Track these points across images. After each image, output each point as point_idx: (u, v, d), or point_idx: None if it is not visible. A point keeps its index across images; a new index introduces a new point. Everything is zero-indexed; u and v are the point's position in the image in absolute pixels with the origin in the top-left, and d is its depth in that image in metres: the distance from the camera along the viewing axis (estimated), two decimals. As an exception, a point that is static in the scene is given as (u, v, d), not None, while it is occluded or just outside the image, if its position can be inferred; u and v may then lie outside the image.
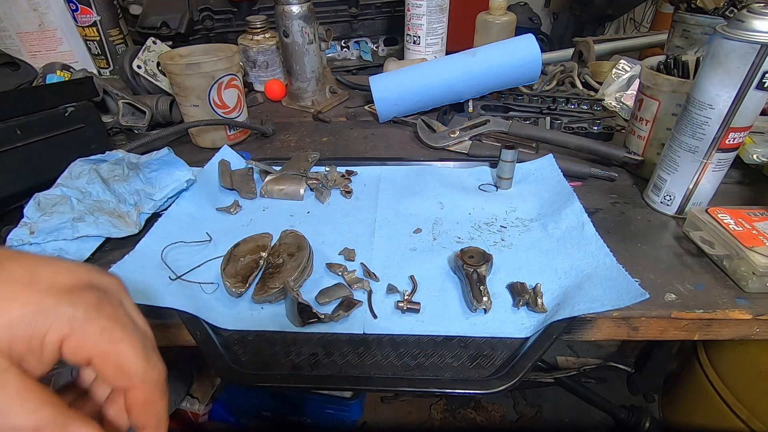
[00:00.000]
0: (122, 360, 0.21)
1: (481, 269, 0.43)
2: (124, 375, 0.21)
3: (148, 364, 0.22)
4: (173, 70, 0.65)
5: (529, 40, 0.76)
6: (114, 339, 0.21)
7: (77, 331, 0.20)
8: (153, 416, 0.23)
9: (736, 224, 0.44)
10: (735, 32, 0.40)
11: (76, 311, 0.20)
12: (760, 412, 0.86)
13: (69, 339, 0.20)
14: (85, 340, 0.20)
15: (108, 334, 0.20)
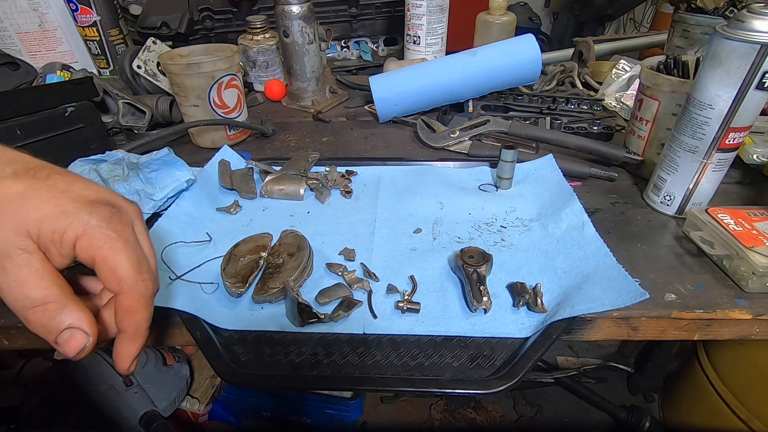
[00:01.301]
0: (117, 267, 0.25)
1: (481, 269, 0.43)
2: (116, 280, 0.25)
3: (138, 276, 0.25)
4: (173, 70, 0.65)
5: (529, 40, 0.76)
6: (114, 248, 0.25)
7: (88, 233, 0.24)
8: (133, 322, 0.26)
9: (736, 224, 0.44)
10: (735, 32, 0.40)
11: (91, 218, 0.24)
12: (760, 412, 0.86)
13: (81, 239, 0.24)
14: (92, 242, 0.24)
15: (110, 243, 0.25)
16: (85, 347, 0.24)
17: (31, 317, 0.23)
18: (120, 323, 0.26)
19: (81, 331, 0.24)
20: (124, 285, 0.25)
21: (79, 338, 0.24)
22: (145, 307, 0.26)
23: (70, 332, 0.24)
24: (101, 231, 0.25)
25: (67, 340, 0.24)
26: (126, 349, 0.27)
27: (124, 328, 0.26)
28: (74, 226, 0.24)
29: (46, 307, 0.23)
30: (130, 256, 0.25)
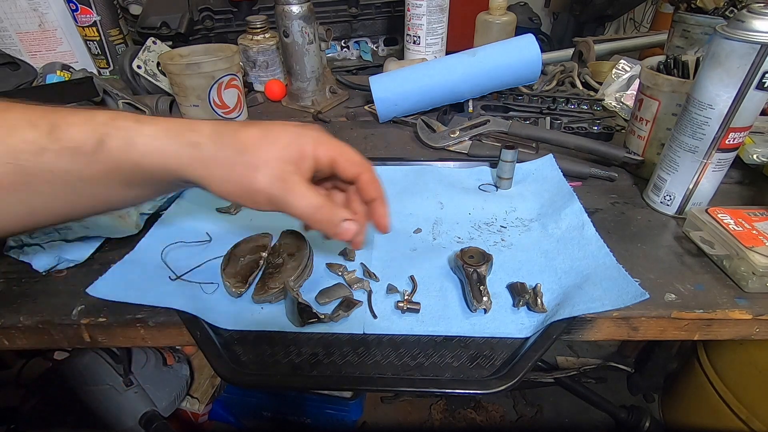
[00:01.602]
0: (353, 156, 0.35)
1: (481, 269, 0.43)
2: (356, 164, 0.35)
3: (365, 159, 0.36)
4: (173, 70, 0.65)
5: (529, 40, 0.76)
6: (343, 146, 0.35)
7: (321, 143, 0.34)
8: (379, 188, 0.37)
9: (736, 224, 0.44)
10: (735, 32, 0.40)
11: (316, 133, 0.34)
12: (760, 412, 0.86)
13: (318, 148, 0.33)
14: (328, 148, 0.34)
15: (338, 144, 0.35)
16: (358, 232, 0.35)
17: (318, 216, 0.33)
18: (371, 193, 0.37)
19: (352, 221, 0.34)
20: (362, 166, 0.35)
21: (353, 226, 0.34)
22: (378, 179, 0.37)
23: (347, 223, 0.34)
24: (328, 140, 0.34)
25: (346, 229, 0.34)
26: (383, 209, 0.38)
27: (375, 195, 0.37)
28: (308, 142, 0.33)
29: (325, 208, 0.33)
30: (353, 149, 0.35)
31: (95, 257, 0.48)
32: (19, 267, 0.46)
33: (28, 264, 0.45)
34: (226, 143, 0.31)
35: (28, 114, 0.29)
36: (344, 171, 0.35)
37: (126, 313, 0.41)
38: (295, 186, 0.32)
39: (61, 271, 0.46)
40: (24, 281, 0.44)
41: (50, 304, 0.42)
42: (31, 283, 0.44)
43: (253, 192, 0.32)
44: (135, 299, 0.41)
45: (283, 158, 0.32)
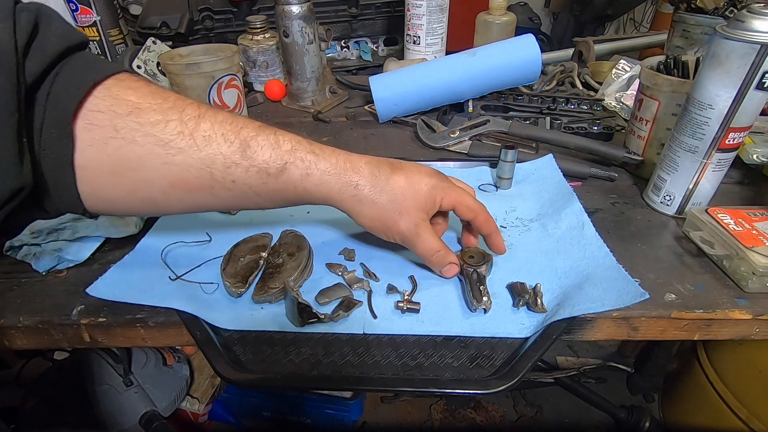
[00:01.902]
0: (470, 203, 0.42)
1: (481, 269, 0.43)
2: (472, 210, 0.42)
3: (479, 203, 0.43)
4: (173, 70, 0.65)
5: (529, 40, 0.76)
6: (463, 194, 0.42)
7: (447, 193, 0.41)
8: (492, 224, 0.44)
9: (736, 224, 0.44)
10: (735, 32, 0.40)
11: (444, 184, 0.41)
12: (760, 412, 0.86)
13: (444, 198, 0.41)
14: (452, 198, 0.41)
15: (460, 193, 0.42)
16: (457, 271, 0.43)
17: (434, 259, 0.42)
18: (487, 230, 0.44)
19: (455, 264, 0.43)
20: (477, 210, 0.42)
21: (455, 267, 0.43)
22: (491, 218, 0.44)
23: (451, 265, 0.43)
24: (452, 189, 0.41)
25: (449, 269, 0.43)
26: (498, 238, 0.45)
27: (491, 230, 0.44)
28: (439, 192, 0.41)
29: (440, 253, 0.42)
30: (471, 196, 0.43)
31: (95, 257, 0.48)
32: (19, 267, 0.46)
33: (28, 264, 0.45)
34: (381, 189, 0.38)
35: (218, 127, 0.33)
36: (463, 215, 0.43)
37: (126, 313, 0.41)
38: (423, 232, 0.40)
39: (61, 271, 0.46)
40: (24, 281, 0.44)
41: (50, 304, 0.42)
42: (31, 283, 0.44)
43: (393, 231, 0.40)
44: (135, 299, 0.41)
45: (420, 209, 0.40)
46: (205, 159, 0.32)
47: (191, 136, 0.32)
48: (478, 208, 0.42)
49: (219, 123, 0.33)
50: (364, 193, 0.38)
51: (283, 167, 0.35)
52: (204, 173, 0.33)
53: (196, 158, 0.32)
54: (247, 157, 0.34)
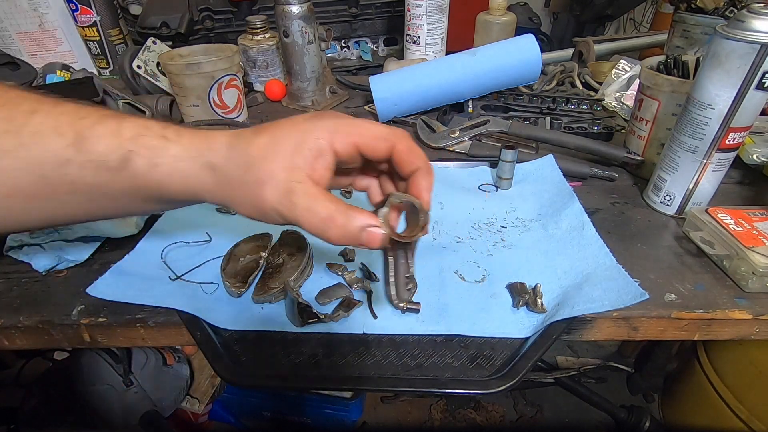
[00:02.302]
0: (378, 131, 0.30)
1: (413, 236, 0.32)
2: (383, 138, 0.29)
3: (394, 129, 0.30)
4: (173, 70, 0.65)
5: (529, 40, 0.76)
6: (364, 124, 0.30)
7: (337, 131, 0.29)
8: (418, 158, 0.30)
9: (736, 224, 0.44)
10: (735, 32, 0.40)
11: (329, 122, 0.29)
12: (760, 412, 0.86)
13: (333, 139, 0.28)
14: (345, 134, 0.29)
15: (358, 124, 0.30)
16: (383, 237, 0.28)
17: (331, 233, 0.27)
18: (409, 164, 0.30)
19: (372, 226, 0.28)
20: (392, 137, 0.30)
21: (375, 232, 0.28)
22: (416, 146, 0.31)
23: (366, 232, 0.28)
24: (346, 123, 0.29)
25: (368, 238, 0.28)
26: (425, 180, 0.31)
27: (416, 165, 0.30)
28: (322, 136, 0.28)
29: (334, 221, 0.27)
30: (377, 124, 0.30)
31: (95, 257, 0.48)
32: (19, 267, 0.46)
33: (28, 264, 0.45)
34: (237, 161, 0.28)
35: (53, 119, 0.28)
36: (373, 152, 0.30)
37: (126, 313, 0.41)
38: (302, 198, 0.27)
39: (61, 271, 0.46)
40: (24, 281, 0.44)
41: (50, 304, 0.42)
42: (31, 283, 0.44)
43: (264, 212, 0.28)
44: (135, 299, 0.41)
45: (291, 166, 0.27)
46: (33, 159, 0.27)
47: (18, 133, 0.27)
48: (394, 134, 0.30)
49: (56, 115, 0.28)
50: (222, 174, 0.29)
51: (126, 158, 0.28)
52: (35, 177, 0.27)
53: (23, 159, 0.27)
54: (82, 150, 0.27)
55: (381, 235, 0.28)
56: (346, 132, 0.29)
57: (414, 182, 0.30)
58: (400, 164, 0.30)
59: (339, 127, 0.29)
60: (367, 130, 0.29)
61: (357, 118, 0.30)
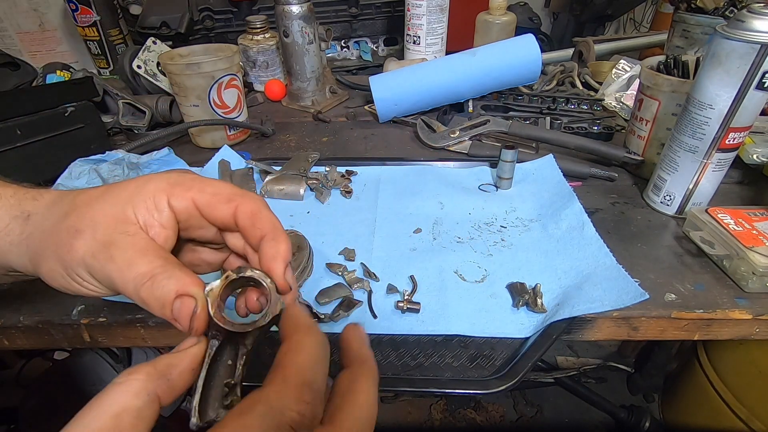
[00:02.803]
0: (222, 189, 0.25)
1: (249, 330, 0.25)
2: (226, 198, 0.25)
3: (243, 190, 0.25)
4: (173, 70, 0.65)
5: (529, 40, 0.76)
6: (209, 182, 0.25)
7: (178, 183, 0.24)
8: (269, 222, 0.25)
9: (736, 224, 0.44)
10: (735, 32, 0.40)
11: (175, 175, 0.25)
12: (760, 412, 0.86)
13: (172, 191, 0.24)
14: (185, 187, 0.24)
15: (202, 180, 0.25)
16: (195, 312, 0.22)
17: (144, 294, 0.22)
18: (255, 230, 0.24)
19: (188, 297, 0.22)
20: (238, 198, 0.25)
21: (187, 304, 0.22)
22: (267, 208, 0.25)
23: (180, 301, 0.22)
24: (192, 178, 0.25)
25: (179, 311, 0.22)
26: (273, 248, 0.24)
27: (264, 231, 0.24)
28: (161, 187, 0.24)
29: (154, 279, 0.22)
30: (225, 183, 0.26)
31: (95, 257, 0.48)
32: (19, 267, 0.46)
33: (28, 264, 0.45)
34: (58, 210, 0.24)
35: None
36: (213, 212, 0.25)
37: (126, 313, 0.41)
38: (122, 252, 0.22)
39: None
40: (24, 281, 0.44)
41: (50, 304, 0.42)
42: (31, 283, 0.44)
43: (69, 266, 0.23)
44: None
45: (118, 217, 0.23)
46: None
47: None
48: (240, 195, 0.25)
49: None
50: (36, 221, 0.24)
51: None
52: None
53: None
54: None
55: (190, 308, 0.22)
56: (186, 186, 0.24)
57: (261, 253, 0.24)
58: (244, 231, 0.25)
59: (180, 180, 0.25)
60: (209, 186, 0.25)
61: (208, 178, 0.26)
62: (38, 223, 0.24)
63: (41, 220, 0.24)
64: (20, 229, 0.24)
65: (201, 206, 0.24)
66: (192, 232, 0.26)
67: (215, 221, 0.25)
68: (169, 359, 0.20)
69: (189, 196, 0.24)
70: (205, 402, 0.21)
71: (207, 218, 0.25)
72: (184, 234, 0.26)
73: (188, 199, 0.24)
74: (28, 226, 0.24)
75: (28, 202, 0.25)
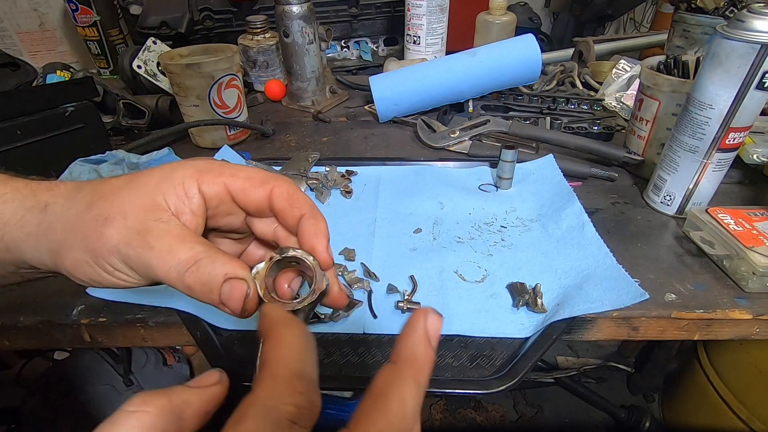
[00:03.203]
0: (253, 174, 0.25)
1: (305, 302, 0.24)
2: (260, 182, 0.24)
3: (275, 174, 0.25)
4: (173, 70, 0.65)
5: (529, 40, 0.76)
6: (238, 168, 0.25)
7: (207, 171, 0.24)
8: (304, 203, 0.25)
9: (736, 224, 0.44)
10: (735, 32, 0.40)
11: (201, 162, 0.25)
12: (760, 412, 0.86)
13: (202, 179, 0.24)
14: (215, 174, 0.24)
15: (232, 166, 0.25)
16: (248, 294, 0.22)
17: (189, 280, 0.21)
18: (292, 211, 0.24)
19: (238, 279, 0.22)
20: (271, 181, 0.25)
21: (238, 287, 0.22)
22: (298, 189, 0.26)
23: (229, 284, 0.22)
24: (219, 165, 0.25)
25: (230, 294, 0.22)
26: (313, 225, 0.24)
27: (301, 210, 0.24)
28: (189, 174, 0.24)
29: (199, 264, 0.21)
30: (255, 168, 0.26)
31: (95, 257, 0.48)
32: (19, 267, 0.46)
33: (28, 264, 0.45)
34: (80, 200, 0.23)
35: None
36: (247, 198, 0.24)
37: (126, 313, 0.41)
38: (159, 240, 0.22)
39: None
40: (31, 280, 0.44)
41: (50, 304, 0.42)
42: (31, 283, 0.44)
43: (100, 255, 0.22)
44: (135, 299, 0.41)
45: (149, 204, 0.22)
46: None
47: None
48: (273, 179, 0.25)
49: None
50: (55, 211, 0.23)
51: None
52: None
53: None
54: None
55: (242, 291, 0.22)
56: (217, 172, 0.24)
57: (301, 232, 0.24)
58: (281, 213, 0.25)
59: (209, 167, 0.24)
60: (241, 171, 0.25)
61: (236, 164, 0.26)
62: (58, 213, 0.23)
63: (62, 210, 0.23)
64: (37, 220, 0.23)
65: (234, 191, 0.24)
66: (219, 219, 0.26)
67: (249, 206, 0.25)
68: (187, 395, 0.18)
69: (221, 181, 0.24)
70: None
71: (240, 203, 0.25)
72: (210, 223, 0.25)
73: (220, 185, 0.24)
74: (47, 217, 0.23)
75: (42, 193, 0.24)
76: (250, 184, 0.24)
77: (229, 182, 0.24)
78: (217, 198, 0.24)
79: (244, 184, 0.24)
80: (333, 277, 0.25)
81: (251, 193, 0.24)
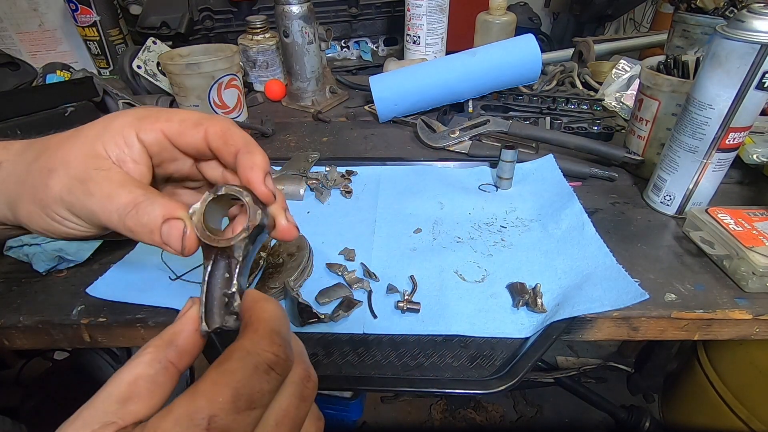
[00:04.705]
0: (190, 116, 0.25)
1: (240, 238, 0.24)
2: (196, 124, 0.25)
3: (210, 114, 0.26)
4: (173, 70, 0.65)
5: (529, 40, 0.76)
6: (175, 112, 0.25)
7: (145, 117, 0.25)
8: (240, 138, 0.25)
9: (736, 224, 0.44)
10: (735, 32, 0.40)
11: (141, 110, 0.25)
12: (760, 412, 0.86)
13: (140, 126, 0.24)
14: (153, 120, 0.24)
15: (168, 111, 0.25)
16: (186, 233, 0.23)
17: (130, 223, 0.22)
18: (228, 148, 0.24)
19: (176, 219, 0.23)
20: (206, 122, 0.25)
21: (176, 226, 0.23)
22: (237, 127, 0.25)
23: (168, 224, 0.23)
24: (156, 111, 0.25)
25: (169, 233, 0.23)
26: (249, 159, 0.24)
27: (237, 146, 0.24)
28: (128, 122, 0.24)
29: (138, 207, 0.22)
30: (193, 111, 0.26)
31: (95, 257, 0.48)
32: (19, 267, 0.46)
33: (28, 264, 0.45)
34: (29, 155, 0.25)
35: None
36: (184, 140, 0.25)
37: (126, 313, 0.41)
38: (100, 186, 0.23)
39: (61, 271, 0.46)
40: (24, 281, 0.44)
41: (50, 304, 0.42)
42: (31, 283, 0.44)
43: (46, 205, 0.23)
44: (135, 299, 0.41)
45: (90, 154, 0.23)
46: None
47: None
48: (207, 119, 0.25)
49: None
50: (7, 168, 0.25)
51: None
52: None
53: None
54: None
55: (180, 230, 0.23)
56: (153, 118, 0.24)
57: (238, 168, 0.24)
58: (219, 152, 0.25)
59: (147, 113, 0.25)
60: (176, 114, 0.25)
61: (175, 108, 0.26)
62: (10, 170, 0.25)
63: (13, 167, 0.25)
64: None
65: (171, 135, 0.25)
66: (166, 166, 0.26)
67: (187, 149, 0.25)
68: (173, 328, 0.21)
69: (157, 127, 0.24)
70: (210, 311, 0.24)
71: (178, 147, 0.25)
72: (160, 171, 0.26)
73: (157, 131, 0.24)
74: (1, 173, 0.25)
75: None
76: (184, 127, 0.24)
77: (165, 127, 0.24)
78: (157, 144, 0.25)
79: (179, 127, 0.24)
80: (280, 210, 0.25)
81: (187, 136, 0.25)
